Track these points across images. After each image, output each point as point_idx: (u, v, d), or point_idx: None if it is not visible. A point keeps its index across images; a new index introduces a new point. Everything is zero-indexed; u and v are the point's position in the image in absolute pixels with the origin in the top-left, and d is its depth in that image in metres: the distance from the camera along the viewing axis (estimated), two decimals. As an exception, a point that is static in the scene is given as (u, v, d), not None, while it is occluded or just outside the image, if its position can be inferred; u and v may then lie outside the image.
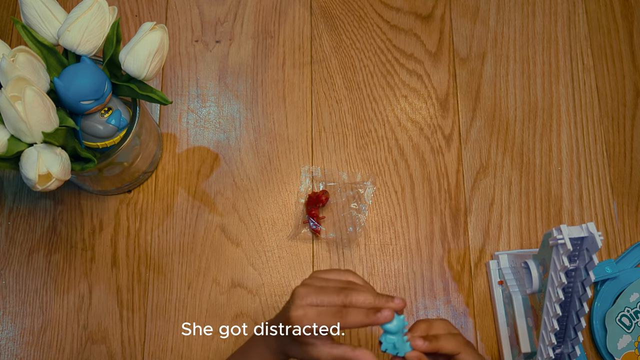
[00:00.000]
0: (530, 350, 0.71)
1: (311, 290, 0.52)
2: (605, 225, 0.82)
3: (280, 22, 0.89)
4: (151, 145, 0.79)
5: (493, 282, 0.78)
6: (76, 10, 0.63)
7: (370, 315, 0.50)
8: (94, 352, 0.75)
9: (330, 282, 0.54)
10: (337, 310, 0.50)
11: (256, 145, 0.84)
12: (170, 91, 0.86)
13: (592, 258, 0.58)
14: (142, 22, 0.85)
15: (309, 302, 0.51)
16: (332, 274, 0.55)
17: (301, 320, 0.50)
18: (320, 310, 0.51)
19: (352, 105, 0.86)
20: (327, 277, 0.55)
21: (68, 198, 0.81)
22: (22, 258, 0.78)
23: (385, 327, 0.50)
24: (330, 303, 0.51)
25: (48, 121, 0.60)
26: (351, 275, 0.55)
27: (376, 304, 0.51)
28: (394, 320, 0.50)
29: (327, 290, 0.52)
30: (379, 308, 0.50)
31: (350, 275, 0.55)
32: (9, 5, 0.90)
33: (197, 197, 0.81)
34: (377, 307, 0.50)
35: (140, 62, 0.64)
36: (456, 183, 0.83)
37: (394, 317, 0.50)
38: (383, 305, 0.50)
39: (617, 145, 0.86)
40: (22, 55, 0.60)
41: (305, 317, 0.50)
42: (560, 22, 0.91)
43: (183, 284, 0.78)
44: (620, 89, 0.88)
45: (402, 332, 0.51)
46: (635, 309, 0.76)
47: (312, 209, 0.79)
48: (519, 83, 0.88)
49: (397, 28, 0.90)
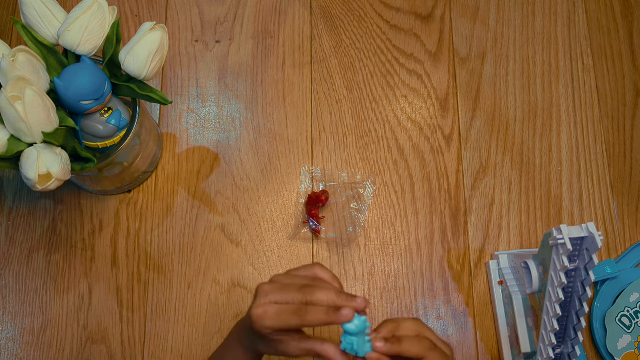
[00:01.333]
0: (530, 350, 0.71)
1: (275, 287, 0.52)
2: (605, 225, 0.82)
3: (280, 22, 0.89)
4: (151, 145, 0.79)
5: (493, 282, 0.78)
6: (76, 10, 0.63)
7: (331, 314, 0.48)
8: (94, 352, 0.75)
9: (296, 279, 0.53)
10: (297, 309, 0.49)
11: (256, 145, 0.84)
12: (170, 91, 0.86)
13: (592, 258, 0.58)
14: (142, 22, 0.85)
15: (271, 299, 0.51)
16: (302, 270, 0.55)
17: (261, 318, 0.50)
18: (280, 308, 0.50)
19: (352, 105, 0.86)
20: (295, 273, 0.54)
21: (68, 198, 0.81)
22: (22, 258, 0.78)
23: (345, 327, 0.49)
24: (291, 301, 0.50)
25: (48, 121, 0.60)
26: (318, 269, 0.54)
27: (338, 302, 0.50)
28: (355, 320, 0.49)
29: (289, 288, 0.51)
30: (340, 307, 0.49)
31: (318, 269, 0.54)
32: (9, 5, 0.90)
33: (197, 197, 0.81)
34: (338, 306, 0.49)
35: (140, 62, 0.64)
36: (456, 183, 0.83)
37: (355, 318, 0.49)
38: (344, 304, 0.49)
39: (617, 145, 0.86)
40: (22, 55, 0.60)
41: (265, 315, 0.50)
42: (560, 22, 0.91)
43: (183, 284, 0.78)
44: (620, 89, 0.88)
45: (364, 333, 0.50)
46: (635, 309, 0.76)
47: (312, 209, 0.79)
48: (519, 83, 0.88)
49: (397, 28, 0.90)
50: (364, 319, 0.49)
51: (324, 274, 0.54)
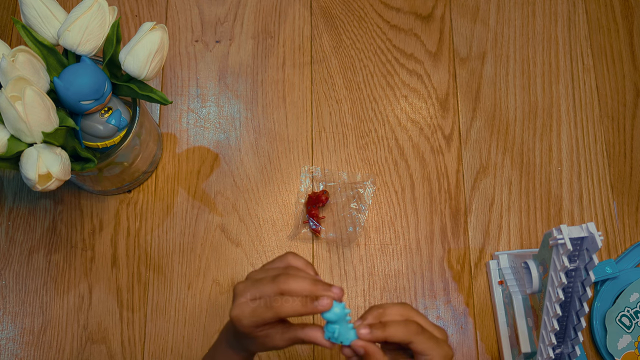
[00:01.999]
0: (530, 350, 0.71)
1: (248, 284, 0.50)
2: (605, 225, 0.82)
3: (280, 22, 0.89)
4: (151, 145, 0.79)
5: (493, 282, 0.78)
6: (76, 10, 0.63)
7: (307, 304, 0.47)
8: (94, 352, 0.75)
9: (269, 272, 0.52)
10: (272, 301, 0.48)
11: (256, 145, 0.84)
12: (170, 91, 0.86)
13: (592, 258, 0.58)
14: (142, 22, 0.85)
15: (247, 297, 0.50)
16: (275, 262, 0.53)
17: (239, 318, 0.49)
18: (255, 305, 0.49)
19: (352, 105, 0.86)
20: (269, 266, 0.53)
21: (68, 198, 0.81)
22: (22, 258, 0.78)
23: (325, 316, 0.48)
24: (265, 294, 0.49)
25: (48, 121, 0.60)
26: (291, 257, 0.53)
27: (313, 291, 0.48)
28: (334, 309, 0.47)
29: (263, 281, 0.50)
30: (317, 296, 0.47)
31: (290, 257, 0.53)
32: (9, 5, 0.90)
33: (197, 197, 0.81)
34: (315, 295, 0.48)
35: (140, 62, 0.64)
36: (456, 183, 0.83)
37: (334, 305, 0.47)
38: (321, 293, 0.48)
39: (617, 145, 0.86)
40: (22, 55, 0.60)
41: (242, 314, 0.49)
42: (560, 22, 0.91)
43: (183, 284, 0.78)
44: (620, 89, 0.88)
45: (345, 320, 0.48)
46: (635, 309, 0.76)
47: (312, 209, 0.79)
48: (519, 83, 0.88)
49: (397, 28, 0.90)
50: (343, 305, 0.48)
51: (296, 261, 0.53)
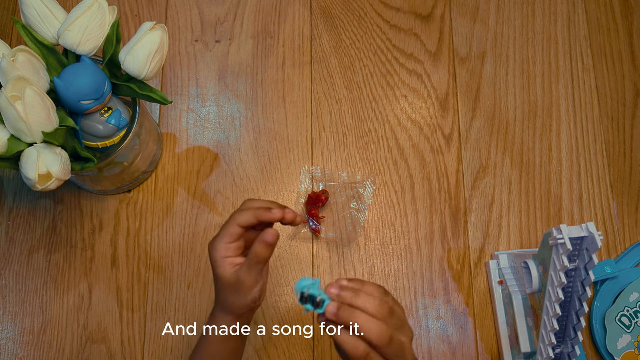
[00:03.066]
0: (530, 350, 0.71)
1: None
2: (605, 225, 0.82)
3: (280, 22, 0.89)
4: (151, 145, 0.79)
5: (493, 282, 0.78)
6: (76, 10, 0.63)
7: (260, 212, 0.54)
8: (94, 352, 0.75)
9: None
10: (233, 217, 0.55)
11: (256, 145, 0.84)
12: (170, 91, 0.86)
13: (592, 258, 0.58)
14: (142, 22, 0.85)
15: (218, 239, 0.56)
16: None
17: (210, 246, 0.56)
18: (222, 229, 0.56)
19: (352, 105, 0.86)
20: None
21: (68, 198, 0.81)
22: (22, 258, 0.78)
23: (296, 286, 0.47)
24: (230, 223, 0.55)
25: (48, 121, 0.60)
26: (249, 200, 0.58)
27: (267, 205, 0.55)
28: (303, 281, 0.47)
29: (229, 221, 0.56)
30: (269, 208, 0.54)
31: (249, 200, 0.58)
32: (9, 5, 0.90)
33: (197, 197, 0.81)
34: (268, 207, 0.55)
35: (140, 62, 0.64)
36: (456, 183, 0.83)
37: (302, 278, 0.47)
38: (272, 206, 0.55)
39: (617, 145, 0.86)
40: (22, 55, 0.60)
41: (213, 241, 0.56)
42: (560, 22, 0.91)
43: (183, 284, 0.78)
44: (620, 89, 0.88)
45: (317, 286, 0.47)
46: (635, 309, 0.76)
47: (312, 209, 0.79)
48: (519, 83, 0.88)
49: (397, 28, 0.90)
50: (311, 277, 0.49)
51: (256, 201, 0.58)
